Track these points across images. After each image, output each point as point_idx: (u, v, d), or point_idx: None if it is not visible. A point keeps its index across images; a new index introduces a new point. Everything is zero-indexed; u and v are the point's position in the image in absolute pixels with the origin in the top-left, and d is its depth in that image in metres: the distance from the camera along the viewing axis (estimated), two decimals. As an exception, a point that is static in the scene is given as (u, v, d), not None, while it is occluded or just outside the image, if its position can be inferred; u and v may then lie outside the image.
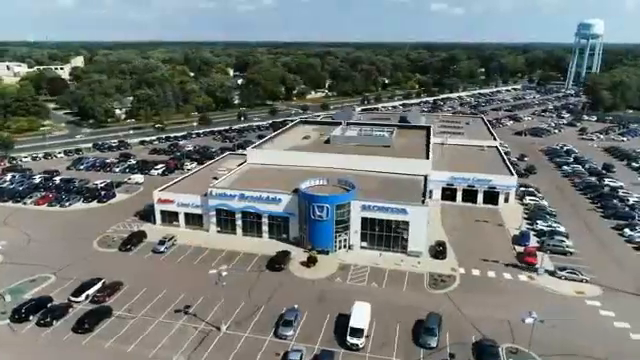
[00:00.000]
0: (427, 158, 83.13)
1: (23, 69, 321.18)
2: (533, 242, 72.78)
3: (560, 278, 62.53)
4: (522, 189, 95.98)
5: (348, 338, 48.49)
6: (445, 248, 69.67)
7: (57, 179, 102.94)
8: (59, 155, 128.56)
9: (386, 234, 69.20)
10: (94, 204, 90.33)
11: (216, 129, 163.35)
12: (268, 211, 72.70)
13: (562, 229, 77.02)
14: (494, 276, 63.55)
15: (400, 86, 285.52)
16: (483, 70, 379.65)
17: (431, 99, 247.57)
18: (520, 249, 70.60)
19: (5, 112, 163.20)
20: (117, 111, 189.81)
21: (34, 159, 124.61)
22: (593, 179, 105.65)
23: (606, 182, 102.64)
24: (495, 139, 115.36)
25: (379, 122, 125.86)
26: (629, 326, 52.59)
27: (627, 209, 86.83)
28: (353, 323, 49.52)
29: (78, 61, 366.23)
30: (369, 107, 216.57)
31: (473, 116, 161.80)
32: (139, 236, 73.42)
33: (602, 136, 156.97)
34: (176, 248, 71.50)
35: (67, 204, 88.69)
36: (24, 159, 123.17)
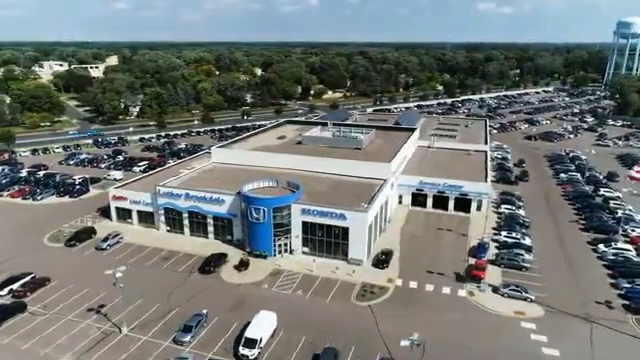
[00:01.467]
0: (389, 162, 79.08)
1: (63, 68, 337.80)
2: (490, 255, 67.73)
3: (503, 295, 57.57)
4: (502, 197, 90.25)
5: (240, 348, 46.28)
6: (390, 257, 65.92)
7: (41, 173, 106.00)
8: (57, 150, 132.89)
9: (327, 240, 66.26)
10: (66, 199, 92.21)
11: (217, 128, 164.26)
12: (212, 212, 71.36)
13: (527, 242, 71.30)
14: (431, 290, 59.32)
15: (421, 87, 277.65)
16: (518, 71, 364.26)
17: (450, 100, 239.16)
18: (473, 261, 65.81)
19: (22, 108, 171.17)
20: (131, 109, 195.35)
21: (33, 153, 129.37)
22: (587, 188, 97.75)
23: (602, 192, 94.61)
24: (486, 143, 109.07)
25: (373, 124, 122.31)
26: (558, 354, 47.39)
27: (612, 222, 79.46)
28: (248, 333, 47.24)
29: (112, 60, 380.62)
30: (380, 108, 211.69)
31: (478, 119, 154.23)
32: (88, 232, 73.95)
33: (620, 142, 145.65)
34: (120, 246, 71.47)
35: (39, 198, 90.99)
36: (23, 153, 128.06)
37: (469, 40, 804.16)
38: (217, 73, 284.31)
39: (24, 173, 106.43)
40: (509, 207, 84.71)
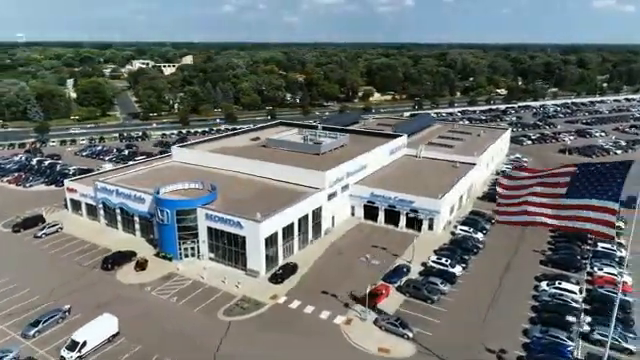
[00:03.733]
0: (324, 171, 74.30)
1: (144, 66, 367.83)
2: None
3: (380, 328, 51.29)
4: (468, 216, 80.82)
5: (62, 350, 46.24)
6: (290, 272, 61.98)
7: (46, 162, 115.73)
8: (82, 142, 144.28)
9: (228, 247, 64.09)
10: (52, 187, 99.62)
11: (238, 127, 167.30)
12: (137, 210, 72.43)
13: (456, 270, 62.85)
14: (309, 312, 54.64)
15: (478, 91, 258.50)
16: (607, 76, 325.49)
17: (504, 106, 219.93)
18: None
19: (78, 102, 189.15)
20: (176, 105, 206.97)
21: (62, 144, 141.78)
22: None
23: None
24: (476, 156, 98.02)
25: (373, 130, 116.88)
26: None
27: (582, 258, 67.17)
28: (75, 335, 47.03)
29: (187, 60, 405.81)
30: (416, 112, 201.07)
31: (500, 127, 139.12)
32: (35, 220, 79.03)
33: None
34: (56, 235, 75.34)
35: (28, 185, 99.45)
36: (51, 143, 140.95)
37: (576, 41, 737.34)
38: (283, 73, 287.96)
39: (34, 162, 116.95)
40: (466, 229, 75.45)
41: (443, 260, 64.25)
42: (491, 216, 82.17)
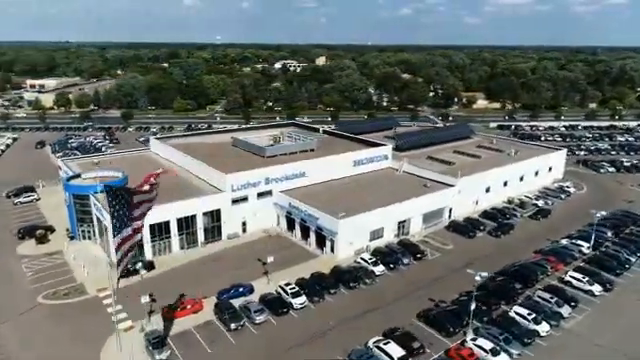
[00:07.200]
0: (226, 173, 71.12)
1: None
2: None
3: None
4: (391, 246, 68.60)
5: None
6: (146, 269, 61.72)
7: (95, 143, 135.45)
8: (153, 130, 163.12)
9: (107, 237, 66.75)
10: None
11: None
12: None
13: (297, 301, 54.38)
14: (111, 310, 53.83)
15: (608, 104, 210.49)
16: None
17: (635, 123, 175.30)
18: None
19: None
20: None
21: (137, 130, 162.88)
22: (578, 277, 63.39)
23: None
24: (458, 177, 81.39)
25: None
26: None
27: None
28: None
29: (321, 60, 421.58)
30: (506, 124, 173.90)
31: (553, 148, 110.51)
32: (27, 190, 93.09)
33: None
34: (30, 205, 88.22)
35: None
36: (130, 128, 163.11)
37: None
38: (403, 76, 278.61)
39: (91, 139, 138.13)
40: (367, 258, 64.12)
41: (288, 289, 56.19)
42: (424, 250, 68.65)
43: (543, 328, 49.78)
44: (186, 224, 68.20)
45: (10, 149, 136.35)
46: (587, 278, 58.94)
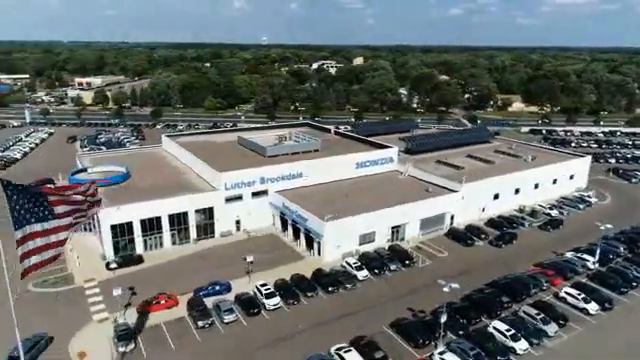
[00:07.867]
0: (221, 172, 71.58)
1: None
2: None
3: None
4: (381, 251, 66.84)
5: None
6: (134, 262, 63.54)
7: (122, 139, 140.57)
8: (180, 127, 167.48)
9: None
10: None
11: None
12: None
13: (270, 302, 53.93)
14: (93, 300, 55.65)
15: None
16: None
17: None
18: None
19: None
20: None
21: (165, 127, 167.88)
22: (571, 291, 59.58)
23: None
24: (463, 183, 78.18)
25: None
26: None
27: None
28: None
29: (359, 60, 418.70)
30: (537, 129, 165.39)
31: (577, 154, 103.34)
32: (44, 182, 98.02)
33: None
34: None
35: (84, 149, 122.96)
36: (158, 125, 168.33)
37: None
38: (441, 77, 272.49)
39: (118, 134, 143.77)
40: (352, 262, 62.71)
41: (263, 289, 55.84)
42: (414, 257, 66.49)
43: (521, 346, 46.78)
44: (178, 220, 69.38)
45: (44, 143, 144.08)
46: (582, 295, 54.93)
